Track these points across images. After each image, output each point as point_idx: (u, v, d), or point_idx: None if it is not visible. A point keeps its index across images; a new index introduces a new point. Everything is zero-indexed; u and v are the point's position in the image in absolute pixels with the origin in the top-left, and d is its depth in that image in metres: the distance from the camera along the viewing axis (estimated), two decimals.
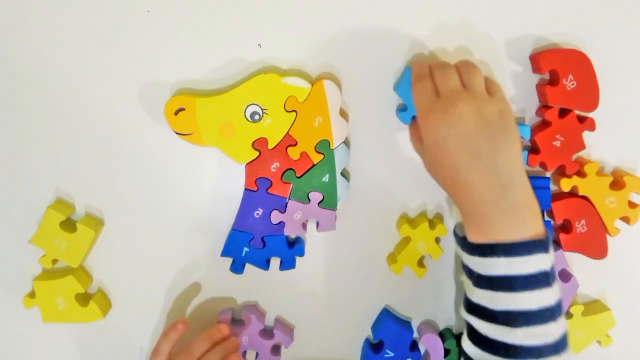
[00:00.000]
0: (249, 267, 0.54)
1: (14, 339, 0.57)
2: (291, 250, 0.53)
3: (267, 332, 0.56)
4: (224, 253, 0.53)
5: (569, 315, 0.55)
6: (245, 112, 0.48)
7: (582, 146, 0.51)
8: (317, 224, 0.52)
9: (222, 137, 0.49)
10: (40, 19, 0.48)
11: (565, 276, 0.54)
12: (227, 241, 0.53)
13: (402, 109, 0.50)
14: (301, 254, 0.53)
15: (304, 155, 0.50)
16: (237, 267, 0.53)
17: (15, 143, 0.52)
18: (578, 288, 0.54)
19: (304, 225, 0.52)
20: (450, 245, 0.56)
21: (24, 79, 0.50)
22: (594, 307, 0.57)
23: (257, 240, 0.52)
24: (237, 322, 0.55)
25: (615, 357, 0.58)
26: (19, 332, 0.57)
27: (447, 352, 0.56)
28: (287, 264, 0.53)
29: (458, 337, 0.58)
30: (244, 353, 0.55)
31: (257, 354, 0.55)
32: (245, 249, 0.52)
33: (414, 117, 0.47)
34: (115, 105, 0.51)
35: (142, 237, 0.55)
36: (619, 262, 0.56)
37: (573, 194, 0.53)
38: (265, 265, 0.53)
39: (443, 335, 0.57)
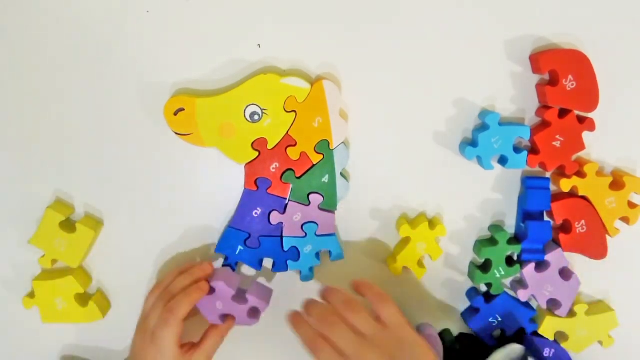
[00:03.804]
0: (248, 267, 0.54)
1: (14, 339, 0.57)
2: (285, 252, 0.53)
3: (240, 297, 0.53)
4: (218, 249, 0.53)
5: (572, 313, 0.55)
6: (244, 112, 0.48)
7: (581, 146, 0.51)
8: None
9: (222, 138, 0.49)
10: (41, 18, 0.48)
11: (566, 274, 0.54)
12: (222, 238, 0.53)
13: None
14: (295, 258, 0.53)
15: (303, 155, 0.50)
16: (229, 265, 0.53)
17: (15, 143, 0.52)
18: (580, 286, 0.54)
19: (302, 228, 0.52)
20: (450, 245, 0.56)
21: (23, 79, 0.50)
22: (597, 307, 0.57)
23: (254, 239, 0.52)
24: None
25: (615, 357, 0.58)
26: (19, 332, 0.57)
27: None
28: (280, 267, 0.53)
29: (458, 338, 0.58)
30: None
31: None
32: (240, 247, 0.52)
33: None
34: (115, 105, 0.51)
35: (142, 237, 0.55)
36: (619, 262, 0.56)
37: (573, 194, 0.53)
38: (258, 265, 0.53)
39: (443, 335, 0.57)
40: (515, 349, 0.52)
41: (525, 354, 0.51)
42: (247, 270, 0.56)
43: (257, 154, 0.50)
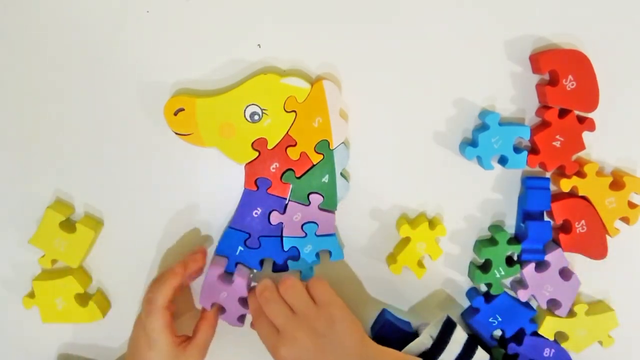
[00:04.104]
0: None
1: (14, 339, 0.57)
2: (285, 252, 0.53)
3: (245, 301, 0.54)
4: (219, 250, 0.53)
5: (572, 313, 0.55)
6: (244, 112, 0.48)
7: (581, 146, 0.51)
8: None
9: (222, 138, 0.49)
10: (41, 18, 0.48)
11: (566, 274, 0.54)
12: (222, 239, 0.53)
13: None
14: (295, 258, 0.53)
15: (303, 155, 0.50)
16: (229, 266, 0.53)
17: (15, 143, 0.52)
18: (580, 286, 0.54)
19: (302, 228, 0.52)
20: (450, 245, 0.56)
21: (23, 79, 0.50)
22: (597, 307, 0.57)
23: (254, 239, 0.52)
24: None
25: (614, 357, 0.58)
26: (19, 332, 0.57)
27: None
28: (280, 267, 0.53)
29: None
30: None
31: (223, 310, 0.54)
32: (240, 247, 0.52)
33: None
34: (115, 105, 0.51)
35: (142, 237, 0.55)
36: (619, 262, 0.56)
37: (573, 194, 0.53)
38: (258, 265, 0.53)
39: None
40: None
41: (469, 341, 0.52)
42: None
43: (257, 154, 0.50)
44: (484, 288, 0.56)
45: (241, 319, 0.54)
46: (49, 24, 0.49)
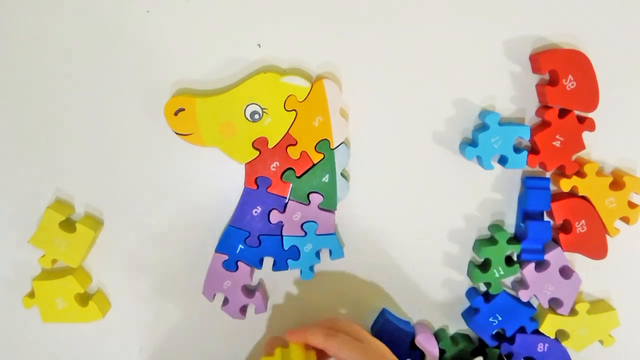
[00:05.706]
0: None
1: (14, 339, 0.57)
2: (285, 251, 0.53)
3: (248, 290, 0.55)
4: (219, 249, 0.53)
5: (574, 312, 0.55)
6: (245, 111, 0.49)
7: (581, 146, 0.51)
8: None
9: (222, 137, 0.49)
10: (41, 18, 0.48)
11: (567, 273, 0.54)
12: (223, 237, 0.53)
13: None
14: (295, 257, 0.53)
15: (304, 154, 0.50)
16: (229, 264, 0.53)
17: (15, 143, 0.52)
18: (581, 283, 0.54)
19: (302, 227, 0.52)
20: (450, 245, 0.56)
21: (23, 79, 0.50)
22: (599, 305, 0.57)
23: (254, 238, 0.52)
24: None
25: (614, 357, 0.58)
26: (19, 332, 0.57)
27: (442, 352, 0.56)
28: (280, 265, 0.53)
29: (453, 338, 0.58)
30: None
31: (226, 301, 0.54)
32: (240, 246, 0.52)
33: None
34: (115, 105, 0.51)
35: (142, 237, 0.55)
36: (618, 263, 0.56)
37: (573, 194, 0.53)
38: (259, 264, 0.53)
39: (438, 335, 0.57)
40: None
41: None
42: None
43: (257, 153, 0.50)
44: (483, 288, 0.56)
45: (243, 310, 0.54)
46: (49, 24, 0.49)
